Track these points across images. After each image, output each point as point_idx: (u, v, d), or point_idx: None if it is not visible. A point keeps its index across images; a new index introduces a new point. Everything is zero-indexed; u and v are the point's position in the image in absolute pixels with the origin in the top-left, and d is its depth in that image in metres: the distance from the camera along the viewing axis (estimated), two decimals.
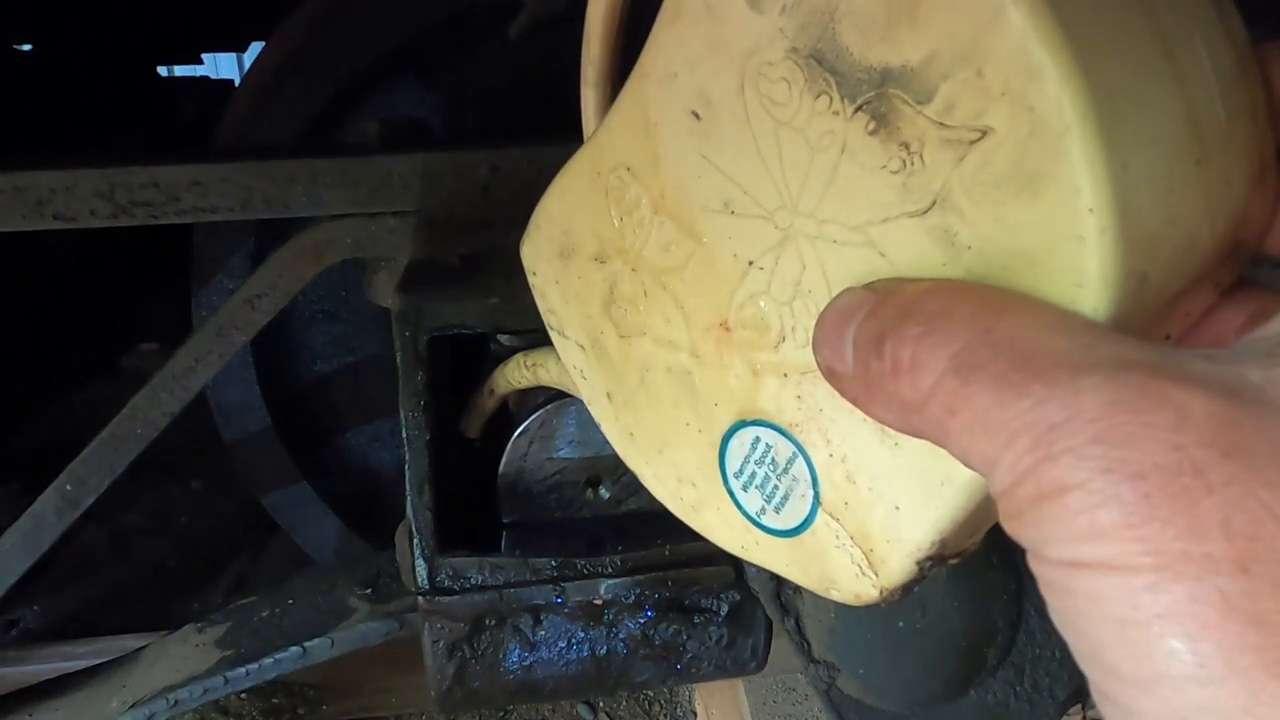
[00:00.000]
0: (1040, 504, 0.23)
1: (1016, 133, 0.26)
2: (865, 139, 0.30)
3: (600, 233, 0.41)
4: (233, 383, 1.10)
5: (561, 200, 0.43)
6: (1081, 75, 0.26)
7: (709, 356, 0.38)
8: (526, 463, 0.67)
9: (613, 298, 0.41)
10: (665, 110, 0.36)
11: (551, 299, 0.45)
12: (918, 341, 0.26)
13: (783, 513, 0.37)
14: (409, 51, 1.04)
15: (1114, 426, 0.22)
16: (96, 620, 1.35)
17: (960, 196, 0.28)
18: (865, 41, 0.29)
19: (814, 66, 0.30)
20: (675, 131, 0.36)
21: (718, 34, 0.33)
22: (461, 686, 0.66)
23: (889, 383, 0.27)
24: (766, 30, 0.32)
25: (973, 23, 0.27)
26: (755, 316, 0.35)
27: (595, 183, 0.40)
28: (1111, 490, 0.21)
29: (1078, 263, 0.26)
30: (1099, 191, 0.26)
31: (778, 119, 0.32)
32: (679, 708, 1.50)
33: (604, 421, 0.45)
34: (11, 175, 0.73)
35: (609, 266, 0.41)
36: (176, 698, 0.74)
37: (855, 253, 0.31)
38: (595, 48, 0.43)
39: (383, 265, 0.81)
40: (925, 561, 0.33)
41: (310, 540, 1.20)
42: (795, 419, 0.35)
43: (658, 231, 0.38)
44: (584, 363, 0.45)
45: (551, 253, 0.44)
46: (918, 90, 0.28)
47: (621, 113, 0.39)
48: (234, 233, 1.03)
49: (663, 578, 0.65)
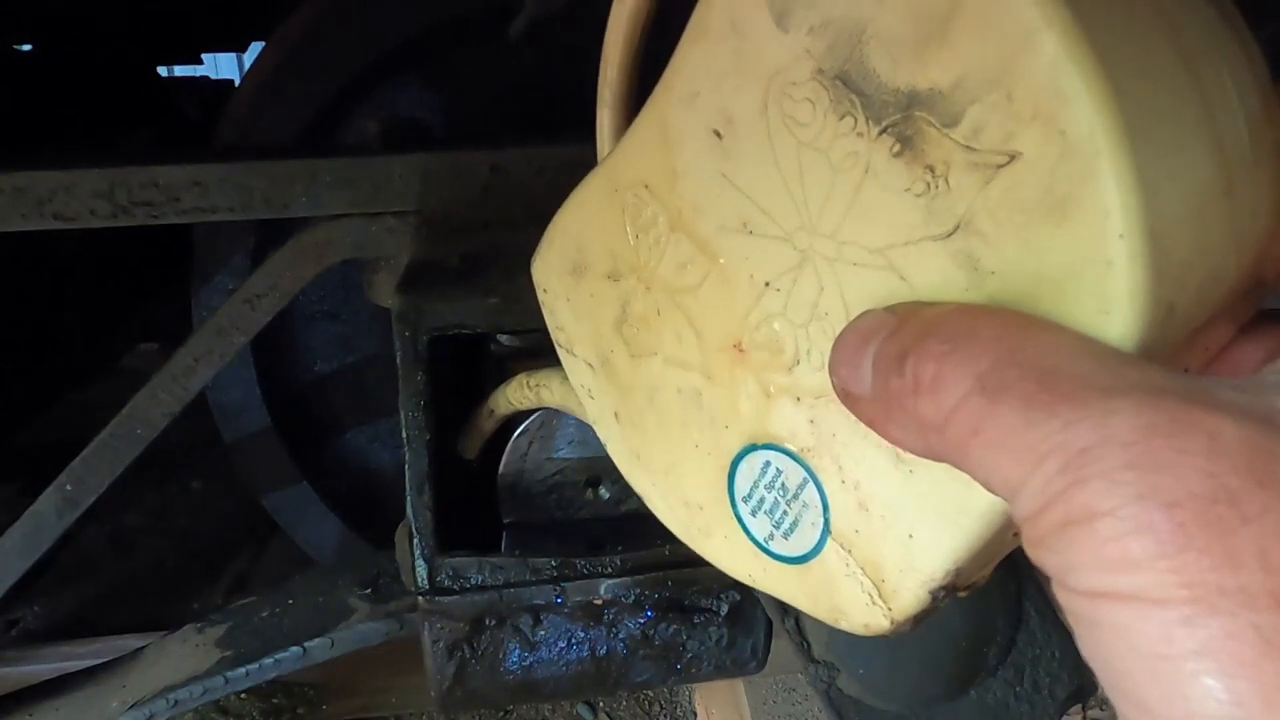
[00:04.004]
0: (1068, 530, 0.22)
1: (1046, 157, 0.26)
2: (889, 161, 0.29)
3: (615, 250, 0.41)
4: (233, 383, 1.10)
5: (576, 217, 0.43)
6: (1114, 100, 0.25)
7: (721, 378, 0.37)
8: (526, 463, 0.67)
9: (625, 316, 0.41)
10: (686, 128, 0.36)
11: (561, 316, 0.45)
12: (941, 359, 0.26)
13: (791, 539, 0.36)
14: (409, 51, 1.04)
15: (1148, 452, 0.21)
16: (96, 620, 1.35)
17: (985, 220, 0.28)
18: (893, 64, 0.29)
19: (840, 88, 0.30)
20: (695, 150, 0.36)
21: (742, 53, 0.33)
22: (461, 686, 0.66)
23: (909, 401, 0.27)
24: (792, 50, 0.31)
25: (1004, 46, 0.26)
26: (770, 338, 0.35)
27: (612, 200, 0.40)
28: (1144, 517, 0.20)
29: (1106, 288, 0.26)
30: (1130, 216, 0.25)
31: (800, 139, 0.32)
32: (679, 708, 1.50)
33: (610, 442, 0.44)
34: (11, 175, 0.73)
35: (622, 284, 0.41)
36: (176, 698, 0.74)
37: (875, 276, 0.31)
38: (612, 71, 0.42)
39: (383, 265, 0.81)
40: (939, 592, 0.32)
41: (310, 540, 1.20)
42: (807, 444, 0.35)
43: (674, 250, 0.38)
44: (592, 382, 0.44)
45: (563, 269, 0.44)
46: (945, 113, 0.28)
47: (641, 130, 0.38)
48: (234, 233, 1.03)
49: (663, 578, 0.65)
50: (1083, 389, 0.23)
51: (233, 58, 4.83)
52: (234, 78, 3.63)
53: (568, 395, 0.56)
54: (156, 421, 0.82)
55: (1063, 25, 0.25)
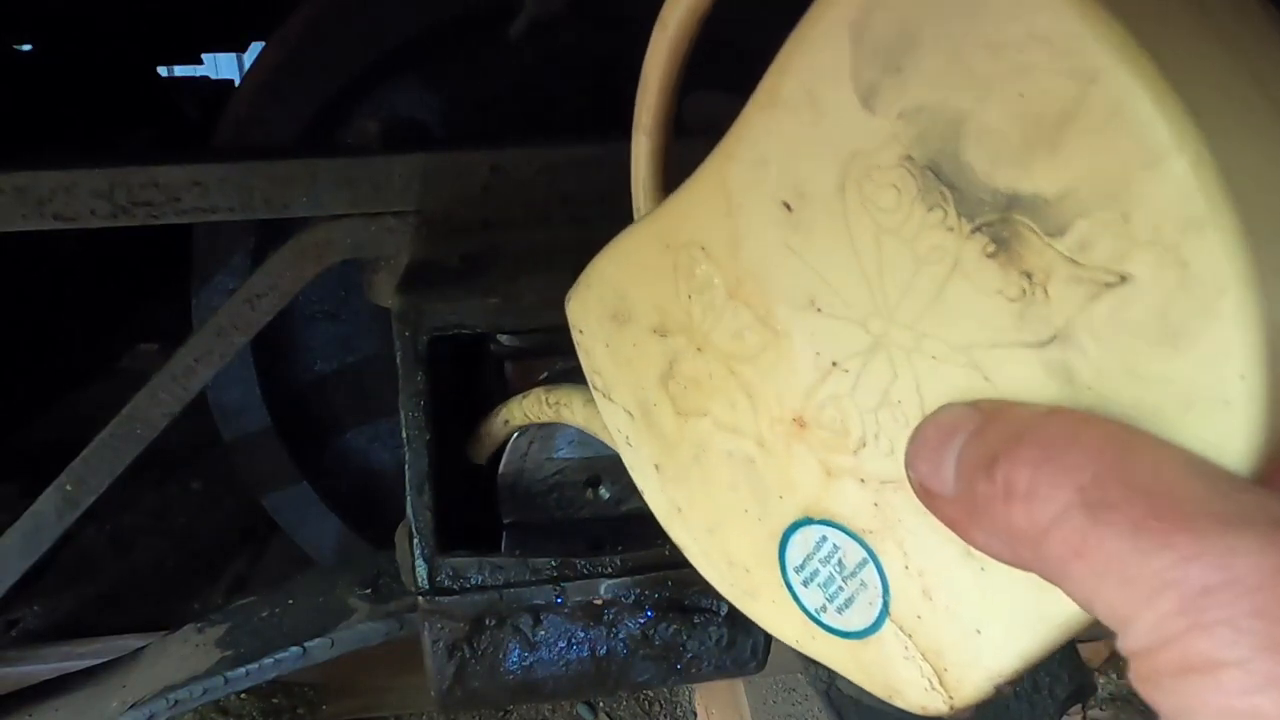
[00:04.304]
0: (1188, 676, 0.20)
1: (1162, 284, 0.25)
2: (982, 261, 0.28)
3: (663, 307, 0.39)
4: (233, 383, 1.10)
5: (620, 265, 0.41)
6: (1245, 234, 0.24)
7: (777, 449, 0.36)
8: (526, 463, 0.67)
9: (671, 373, 0.40)
10: (751, 196, 0.34)
11: (598, 360, 0.44)
12: (1037, 468, 0.24)
13: (846, 615, 0.35)
14: (409, 51, 1.04)
15: (1278, 599, 0.20)
16: (96, 620, 1.35)
17: (1086, 337, 0.26)
18: (993, 163, 0.27)
19: (930, 178, 0.29)
20: (761, 220, 0.34)
21: (820, 127, 0.32)
22: (461, 686, 0.66)
23: (999, 509, 0.25)
24: (878, 133, 0.30)
25: (1125, 164, 0.25)
26: (835, 418, 0.34)
27: (662, 256, 0.39)
28: (1277, 672, 0.19)
29: (1220, 425, 0.25)
30: (1254, 358, 0.24)
31: (881, 225, 0.31)
32: (679, 708, 1.50)
33: (648, 492, 0.43)
34: (11, 175, 0.73)
35: (670, 342, 0.39)
36: (176, 698, 0.74)
37: (956, 372, 0.30)
38: (652, 95, 0.41)
39: (383, 265, 0.81)
40: (1004, 685, 0.31)
41: (310, 540, 1.20)
42: (869, 526, 0.34)
43: (731, 317, 0.36)
44: (631, 430, 0.43)
45: (603, 314, 0.43)
46: (1049, 222, 0.26)
47: (700, 190, 0.37)
48: (234, 233, 1.03)
49: (663, 578, 0.65)
50: (1198, 517, 0.21)
51: (233, 58, 4.84)
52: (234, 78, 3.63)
53: (591, 418, 0.55)
54: (156, 421, 0.82)
55: (1196, 151, 0.24)
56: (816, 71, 0.31)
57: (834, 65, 0.30)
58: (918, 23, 0.28)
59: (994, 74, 0.27)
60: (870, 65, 0.30)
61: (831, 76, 0.31)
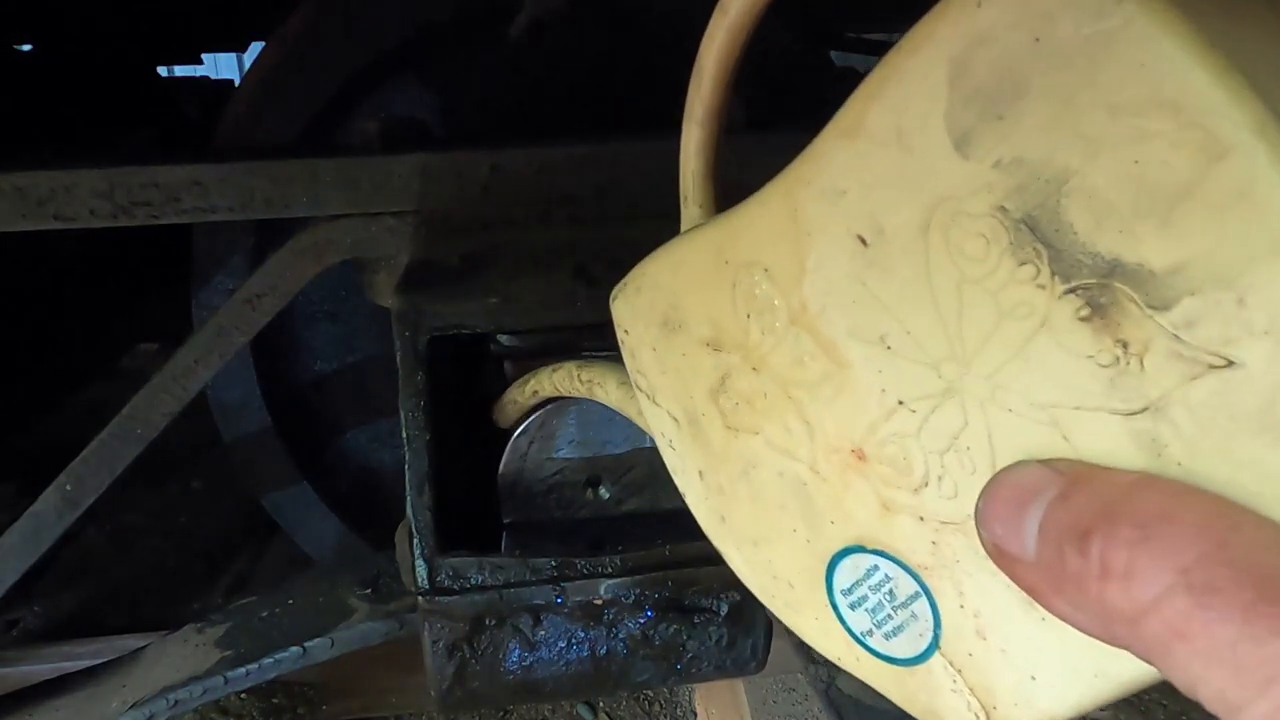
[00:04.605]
0: None
1: (1272, 375, 0.24)
2: (1074, 323, 0.27)
3: (718, 322, 0.38)
4: (233, 383, 1.10)
5: (673, 272, 0.41)
6: None
7: (831, 476, 0.36)
8: (526, 463, 0.67)
9: (723, 388, 0.39)
10: (824, 226, 0.33)
11: (644, 363, 0.43)
12: (1135, 547, 0.23)
13: (893, 641, 0.35)
14: (409, 51, 1.04)
15: None
16: (96, 620, 1.35)
17: (1181, 413, 0.25)
18: (1096, 226, 0.26)
19: (1023, 232, 0.28)
20: (832, 250, 0.33)
21: (907, 166, 0.30)
22: (461, 686, 0.66)
23: (1091, 585, 0.24)
24: (971, 180, 0.28)
25: (1247, 249, 0.23)
26: (897, 456, 0.33)
27: (721, 271, 0.38)
28: None
29: None
30: None
31: (965, 273, 0.29)
32: (679, 708, 1.50)
33: (690, 496, 0.43)
34: (11, 175, 0.73)
35: (723, 357, 0.39)
36: (176, 698, 0.74)
37: (1033, 428, 0.29)
38: (707, 85, 0.40)
39: (383, 265, 0.81)
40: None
41: (310, 540, 1.20)
42: (925, 562, 0.33)
43: (791, 342, 0.36)
44: (675, 435, 0.42)
45: (652, 319, 0.42)
46: (1153, 295, 0.25)
47: (767, 210, 0.36)
48: (234, 233, 1.03)
49: (663, 578, 0.65)
50: None
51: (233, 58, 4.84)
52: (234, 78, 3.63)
53: (625, 401, 0.55)
54: (156, 421, 0.82)
55: None
56: (908, 107, 0.30)
57: (928, 103, 0.29)
58: (1026, 70, 0.27)
59: (1108, 136, 0.25)
60: (968, 108, 0.28)
61: (924, 114, 0.29)
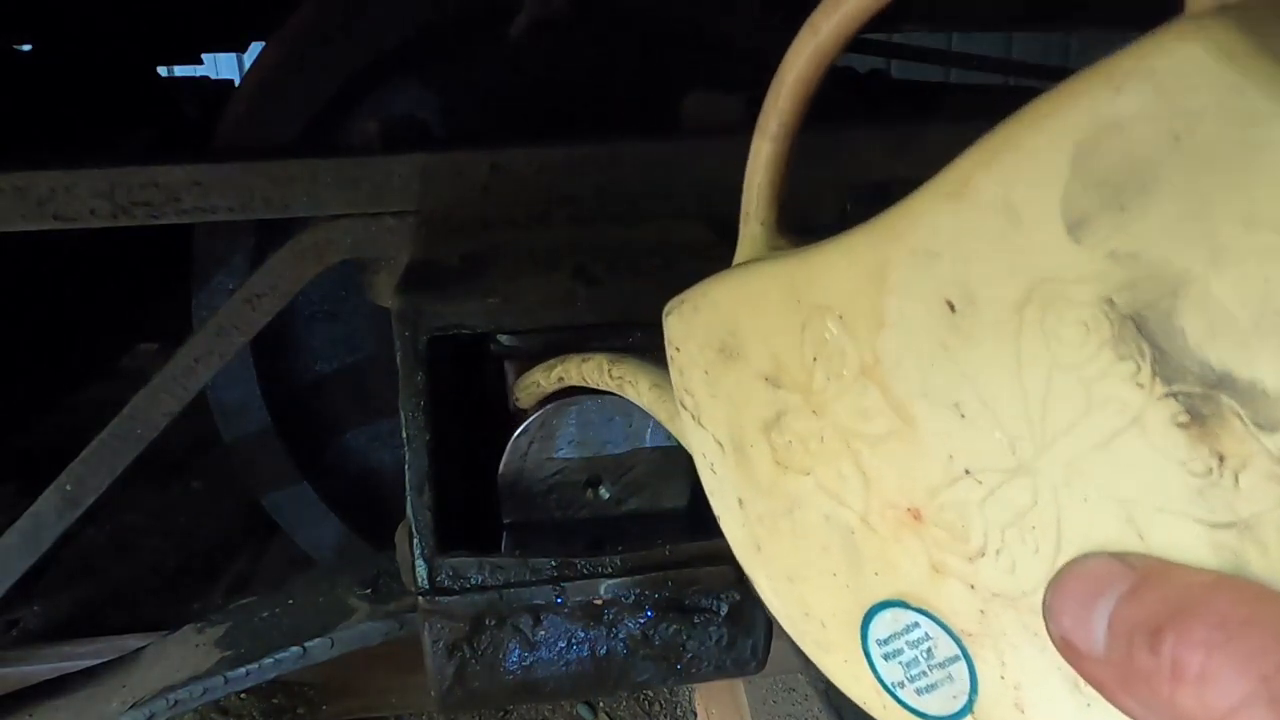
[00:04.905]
0: None
1: None
2: (1169, 427, 0.26)
3: (781, 359, 0.38)
4: (233, 383, 1.10)
5: (738, 299, 0.40)
6: None
7: (883, 530, 0.35)
8: (526, 463, 0.67)
9: (777, 425, 0.38)
10: (911, 284, 0.32)
11: (693, 383, 0.42)
12: (1212, 649, 0.23)
13: (925, 698, 0.35)
14: (409, 51, 1.04)
15: None
16: (96, 620, 1.35)
17: (1272, 536, 0.25)
18: (1210, 335, 0.25)
19: (1129, 329, 0.26)
20: (917, 310, 0.32)
21: (1011, 239, 0.29)
22: (461, 686, 0.66)
23: (1163, 687, 0.23)
24: (1081, 266, 0.27)
25: None
26: (956, 522, 0.32)
27: (791, 309, 0.37)
28: None
29: None
30: None
31: (1058, 358, 0.28)
32: (679, 708, 1.51)
33: (728, 524, 0.42)
34: (11, 175, 0.73)
35: (782, 394, 0.38)
36: (176, 698, 0.74)
37: (1108, 521, 0.28)
38: (785, 101, 0.39)
39: (383, 265, 0.81)
40: None
41: (310, 540, 1.20)
42: (970, 629, 0.32)
43: (858, 394, 0.35)
44: (718, 459, 0.42)
45: (708, 342, 0.41)
46: (1261, 414, 0.24)
47: (849, 256, 0.34)
48: (234, 233, 1.03)
49: (663, 578, 0.65)
50: None
51: (233, 58, 4.84)
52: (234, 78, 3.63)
53: (657, 403, 0.54)
54: (156, 421, 0.82)
55: None
56: (1023, 181, 0.28)
57: (1045, 181, 0.28)
58: (1159, 166, 0.25)
59: (1240, 247, 0.24)
60: (1089, 194, 0.27)
61: (1039, 192, 0.28)
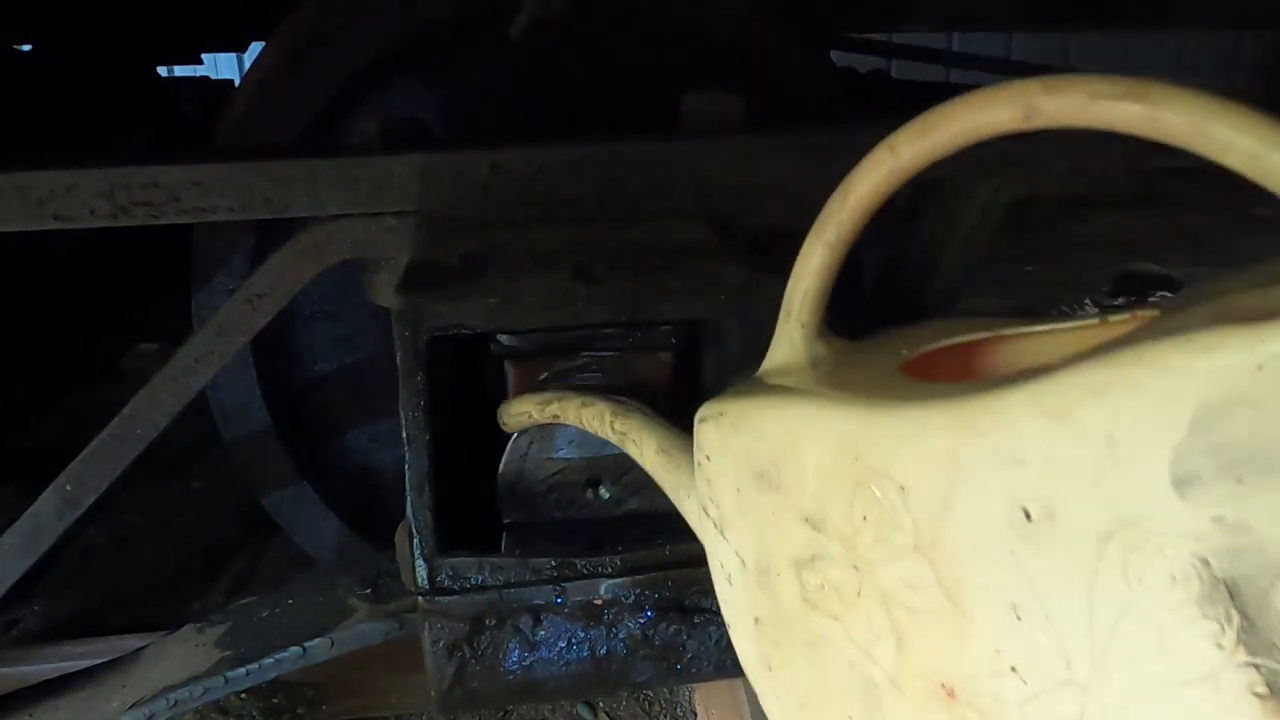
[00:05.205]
0: None
1: None
2: (1245, 694, 0.26)
3: (826, 506, 0.37)
4: (233, 383, 1.10)
5: (785, 432, 0.38)
6: None
7: (911, 696, 0.34)
8: (526, 463, 0.67)
9: (811, 566, 0.37)
10: (988, 482, 0.31)
11: (721, 496, 0.41)
12: None
13: None
14: (409, 51, 1.04)
15: None
16: (96, 620, 1.35)
17: None
18: None
19: (1221, 593, 0.26)
20: (990, 510, 0.31)
21: (1108, 473, 0.28)
22: (461, 686, 0.66)
23: None
24: (1180, 521, 0.27)
25: None
26: (993, 710, 0.32)
27: (848, 465, 0.36)
28: None
29: None
30: None
31: (1135, 599, 0.28)
32: (679, 708, 1.51)
33: (737, 633, 0.41)
34: (11, 175, 0.73)
35: (821, 540, 0.37)
36: (176, 698, 0.74)
37: None
38: (850, 213, 0.38)
39: (383, 265, 0.81)
40: None
41: (310, 540, 1.20)
42: None
43: (908, 566, 0.34)
44: (737, 574, 0.41)
45: (746, 464, 0.40)
46: None
47: (919, 431, 0.33)
48: (234, 233, 1.03)
49: (663, 578, 0.65)
50: None
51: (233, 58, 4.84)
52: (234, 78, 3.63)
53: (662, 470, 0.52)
54: (156, 421, 0.82)
55: None
56: (1133, 422, 0.28)
57: (1159, 430, 0.27)
58: None
59: None
60: (1204, 456, 0.26)
61: (1150, 438, 0.27)
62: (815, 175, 0.82)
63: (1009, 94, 0.31)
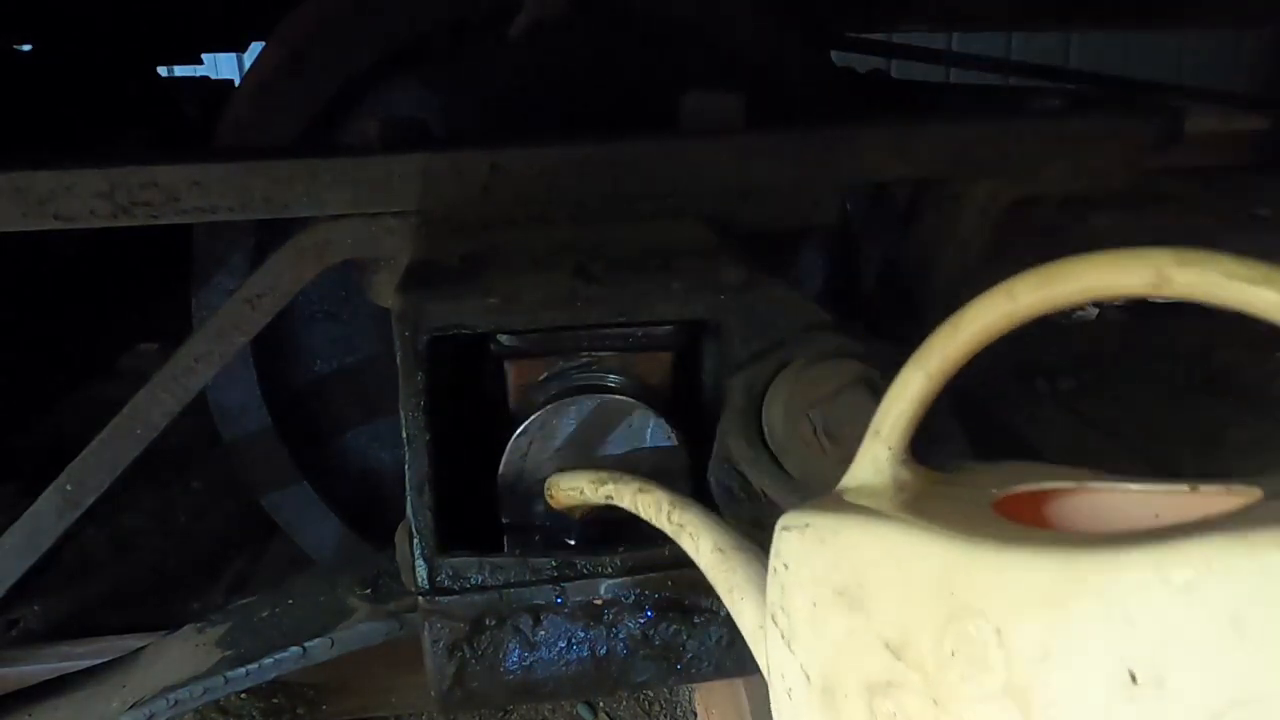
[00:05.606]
0: None
1: None
2: None
3: (911, 635, 0.36)
4: (233, 383, 1.10)
5: (875, 554, 0.37)
6: None
7: None
8: (526, 463, 0.67)
9: (885, 692, 0.36)
10: (1095, 639, 0.31)
11: (794, 606, 0.40)
12: None
13: None
14: (409, 51, 1.04)
15: None
16: (96, 620, 1.35)
17: None
18: None
19: None
20: (1092, 665, 0.31)
21: (1230, 650, 0.28)
22: (461, 686, 0.66)
23: None
24: None
25: None
26: None
27: (941, 596, 0.35)
28: None
29: None
30: None
31: None
32: (679, 708, 1.51)
33: None
34: (11, 175, 0.73)
35: (900, 668, 0.36)
36: (176, 698, 0.74)
37: None
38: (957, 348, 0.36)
39: (383, 265, 0.81)
40: None
41: (310, 540, 1.20)
42: None
43: (995, 709, 0.33)
44: (799, 689, 0.40)
45: (827, 580, 0.39)
46: None
47: (1026, 578, 0.33)
48: (234, 233, 1.03)
49: (663, 578, 0.65)
50: None
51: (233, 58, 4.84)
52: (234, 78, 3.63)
53: (716, 569, 0.51)
54: (156, 421, 0.82)
55: None
56: (1264, 605, 0.27)
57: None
58: None
59: None
60: None
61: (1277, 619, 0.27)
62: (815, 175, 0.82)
63: (1141, 260, 0.30)
